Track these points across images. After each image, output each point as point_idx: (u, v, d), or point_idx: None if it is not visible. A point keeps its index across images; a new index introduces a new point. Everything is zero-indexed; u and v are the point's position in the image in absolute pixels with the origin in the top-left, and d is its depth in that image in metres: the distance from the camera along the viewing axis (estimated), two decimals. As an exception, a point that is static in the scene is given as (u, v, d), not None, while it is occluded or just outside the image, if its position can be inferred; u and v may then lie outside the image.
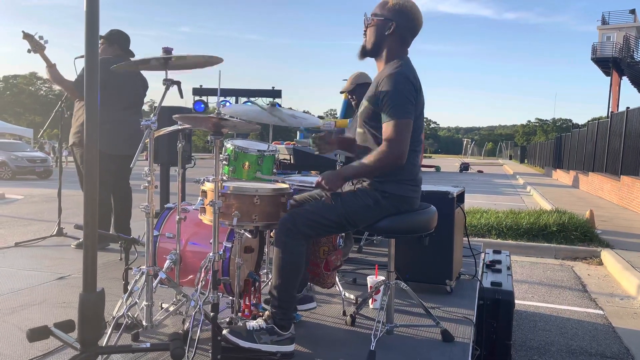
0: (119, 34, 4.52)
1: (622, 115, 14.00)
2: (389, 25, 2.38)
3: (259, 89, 12.08)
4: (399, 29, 2.38)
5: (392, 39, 2.40)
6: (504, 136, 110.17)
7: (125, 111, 4.38)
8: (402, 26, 2.39)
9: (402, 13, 2.38)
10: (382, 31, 2.40)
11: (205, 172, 2.99)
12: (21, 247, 4.53)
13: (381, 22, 2.40)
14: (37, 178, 19.31)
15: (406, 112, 2.23)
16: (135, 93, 4.53)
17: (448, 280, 3.23)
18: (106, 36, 4.48)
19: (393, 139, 2.21)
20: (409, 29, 2.41)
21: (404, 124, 2.22)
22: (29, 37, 4.11)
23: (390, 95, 2.24)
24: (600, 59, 36.72)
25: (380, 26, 2.40)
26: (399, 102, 2.23)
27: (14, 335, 2.42)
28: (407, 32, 2.41)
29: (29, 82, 61.13)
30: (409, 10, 2.39)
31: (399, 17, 2.38)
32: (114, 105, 4.27)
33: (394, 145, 2.21)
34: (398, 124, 2.21)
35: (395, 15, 2.38)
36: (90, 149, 1.74)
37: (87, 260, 1.74)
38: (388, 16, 2.38)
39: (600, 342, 4.19)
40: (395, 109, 2.22)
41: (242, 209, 2.33)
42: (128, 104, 4.43)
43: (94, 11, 1.69)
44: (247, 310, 2.49)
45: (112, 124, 4.25)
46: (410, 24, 2.41)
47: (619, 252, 7.10)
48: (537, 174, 32.89)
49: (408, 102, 2.25)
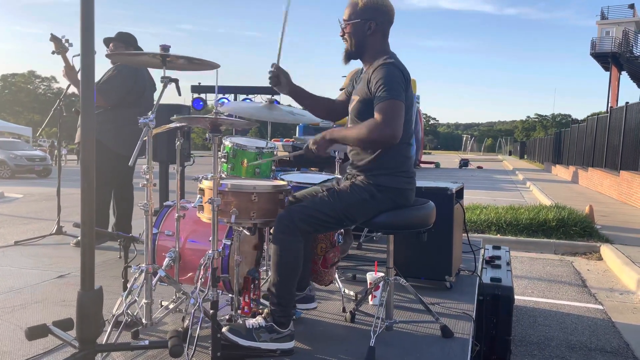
0: (125, 34, 4.55)
1: (621, 110, 13.99)
2: (368, 25, 2.37)
3: (258, 86, 12.01)
4: (378, 26, 2.38)
5: (374, 37, 2.40)
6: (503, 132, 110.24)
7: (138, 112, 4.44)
8: (380, 22, 2.39)
9: (377, 9, 2.38)
10: (362, 33, 2.39)
11: (204, 170, 2.98)
12: (21, 245, 4.53)
13: (358, 24, 2.38)
14: (37, 177, 19.30)
15: (398, 94, 2.22)
16: (152, 97, 4.62)
17: (448, 276, 3.23)
18: (122, 39, 4.50)
19: (387, 116, 2.18)
20: (387, 21, 2.42)
21: (396, 104, 2.21)
22: (56, 39, 4.16)
23: (382, 81, 2.23)
24: (599, 54, 36.69)
25: (359, 28, 2.39)
26: (391, 86, 2.22)
27: (14, 334, 2.43)
28: (386, 25, 2.42)
29: (28, 81, 61.07)
30: (382, 4, 2.39)
31: (376, 14, 2.37)
32: (132, 107, 4.35)
33: (388, 121, 2.17)
34: (390, 102, 2.20)
35: (371, 13, 2.37)
36: (87, 148, 1.73)
37: (84, 259, 1.73)
38: (364, 17, 2.37)
39: (600, 337, 4.19)
40: (388, 91, 2.21)
41: (240, 207, 2.33)
42: (148, 107, 4.47)
43: (89, 9, 1.68)
44: (247, 308, 2.49)
45: (132, 126, 4.30)
46: (386, 17, 2.41)
47: (619, 247, 7.11)
48: (537, 169, 32.90)
49: (399, 86, 2.25)
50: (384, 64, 2.29)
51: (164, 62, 2.31)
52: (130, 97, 4.36)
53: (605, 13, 39.37)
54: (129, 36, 4.56)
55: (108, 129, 4.29)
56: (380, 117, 2.18)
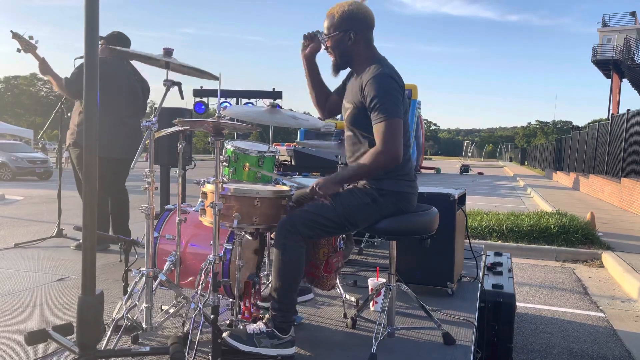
0: (119, 36, 4.52)
1: (622, 117, 13.99)
2: (348, 35, 2.36)
3: (260, 90, 12.06)
4: (358, 34, 2.37)
5: (357, 45, 2.38)
6: (504, 138, 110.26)
7: (122, 114, 4.33)
8: (360, 30, 2.37)
9: (353, 18, 2.36)
10: (344, 44, 2.38)
11: (205, 174, 2.98)
12: (21, 248, 4.52)
13: (338, 37, 2.38)
14: (38, 179, 19.30)
15: (396, 112, 2.22)
16: (133, 95, 4.49)
17: (449, 283, 3.21)
18: (106, 37, 4.48)
19: (387, 139, 2.19)
20: (367, 28, 2.40)
21: (395, 123, 2.20)
22: (17, 36, 4.10)
23: (378, 97, 2.22)
24: (600, 61, 36.77)
25: (340, 40, 2.38)
26: (388, 103, 2.22)
27: (13, 337, 2.41)
28: (367, 31, 2.40)
29: (30, 83, 61.20)
30: (357, 12, 2.37)
31: (353, 23, 2.36)
32: (110, 108, 4.24)
33: (389, 145, 2.19)
34: (390, 123, 2.20)
35: (348, 23, 2.36)
36: (89, 150, 1.73)
37: (86, 263, 1.72)
38: (342, 28, 2.36)
39: (601, 345, 4.17)
40: (385, 109, 2.20)
41: (243, 211, 2.32)
42: (125, 106, 4.38)
43: (93, 11, 1.68)
44: (247, 313, 2.48)
45: (109, 127, 4.22)
46: (365, 24, 2.39)
47: (620, 255, 7.08)
48: (538, 176, 32.88)
49: (397, 100, 2.24)
50: (376, 76, 2.26)
51: (167, 65, 2.30)
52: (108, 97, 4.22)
53: (607, 20, 39.49)
54: (120, 37, 4.51)
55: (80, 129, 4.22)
56: (381, 143, 2.19)
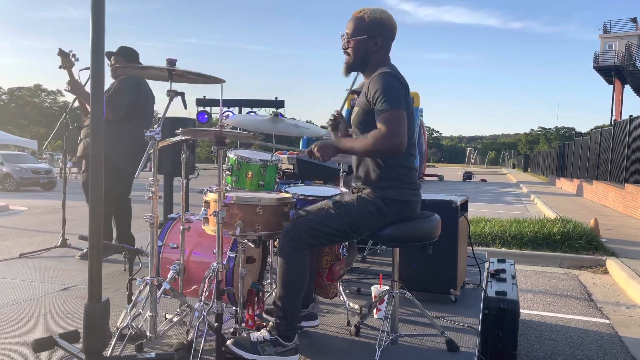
0: (128, 50, 4.59)
1: (625, 123, 13.98)
2: (374, 42, 2.39)
3: (262, 99, 12.12)
4: (384, 43, 2.41)
5: (379, 52, 2.42)
6: (507, 145, 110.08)
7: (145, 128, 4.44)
8: (386, 38, 2.42)
9: (383, 27, 2.41)
10: (368, 49, 2.41)
11: (208, 183, 2.99)
12: (25, 258, 4.54)
13: (365, 40, 2.40)
14: (42, 189, 19.38)
15: (398, 103, 2.24)
16: (152, 110, 4.68)
17: (452, 290, 3.22)
18: (123, 54, 4.55)
19: (391, 126, 2.20)
20: (391, 38, 2.45)
21: (399, 113, 2.22)
22: (64, 54, 4.26)
23: (381, 90, 2.25)
24: (602, 68, 36.77)
25: (364, 44, 2.40)
26: (390, 95, 2.24)
27: (18, 346, 2.42)
28: (390, 41, 2.45)
29: (34, 94, 61.58)
30: (387, 21, 2.42)
31: (382, 31, 2.40)
32: (139, 122, 4.40)
33: (394, 131, 2.19)
34: (392, 113, 2.21)
35: (377, 30, 2.39)
36: (95, 160, 1.75)
37: (92, 271, 1.74)
38: (371, 33, 2.39)
39: (606, 351, 4.15)
40: (388, 101, 2.23)
41: (245, 219, 2.34)
42: (149, 120, 4.54)
43: (99, 24, 1.71)
44: (251, 321, 2.48)
45: (135, 141, 4.31)
46: (391, 34, 2.44)
47: (625, 261, 7.05)
48: (541, 182, 32.81)
49: (399, 94, 2.26)
50: (380, 74, 2.31)
51: (171, 75, 2.33)
52: (132, 110, 4.39)
53: (608, 27, 39.54)
54: (130, 51, 4.60)
55: (109, 142, 4.30)
56: (385, 127, 2.20)
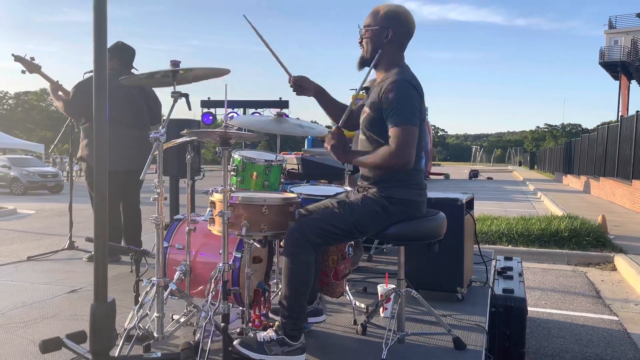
0: (122, 47, 4.45)
1: (632, 119, 13.88)
2: (385, 33, 2.40)
3: (267, 100, 12.10)
4: (396, 36, 2.41)
5: (390, 46, 2.42)
6: (512, 142, 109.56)
7: (122, 127, 4.24)
8: (398, 32, 2.41)
9: (396, 19, 2.41)
10: (379, 40, 2.42)
11: (214, 184, 3.00)
12: (33, 261, 4.56)
13: (377, 31, 2.41)
14: (49, 193, 19.49)
15: (412, 119, 2.25)
16: (136, 108, 4.45)
17: (459, 288, 3.21)
18: (109, 49, 4.47)
19: (400, 144, 2.21)
20: (405, 33, 2.44)
21: (410, 130, 2.23)
22: (20, 59, 4.13)
23: (396, 102, 2.24)
24: (608, 63, 36.59)
25: (376, 35, 2.42)
26: (405, 109, 2.24)
27: (26, 348, 2.44)
28: (404, 37, 2.44)
29: (40, 98, 61.83)
30: (402, 15, 2.42)
31: (394, 23, 2.41)
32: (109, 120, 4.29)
33: (401, 151, 2.21)
34: (405, 129, 2.22)
35: (390, 22, 2.40)
36: (99, 163, 1.76)
37: (98, 271, 1.75)
38: (383, 25, 2.40)
39: (615, 348, 4.13)
40: (402, 115, 2.23)
41: (251, 219, 2.34)
42: (125, 118, 4.28)
43: (102, 27, 1.72)
44: (257, 321, 2.49)
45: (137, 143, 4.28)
46: (405, 29, 2.44)
47: (633, 257, 7.01)
48: (548, 179, 32.65)
49: (414, 108, 2.26)
50: (396, 81, 2.28)
51: (174, 77, 2.34)
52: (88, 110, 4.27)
53: (614, 22, 39.34)
54: (124, 48, 4.46)
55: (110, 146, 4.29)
56: (395, 144, 2.22)
